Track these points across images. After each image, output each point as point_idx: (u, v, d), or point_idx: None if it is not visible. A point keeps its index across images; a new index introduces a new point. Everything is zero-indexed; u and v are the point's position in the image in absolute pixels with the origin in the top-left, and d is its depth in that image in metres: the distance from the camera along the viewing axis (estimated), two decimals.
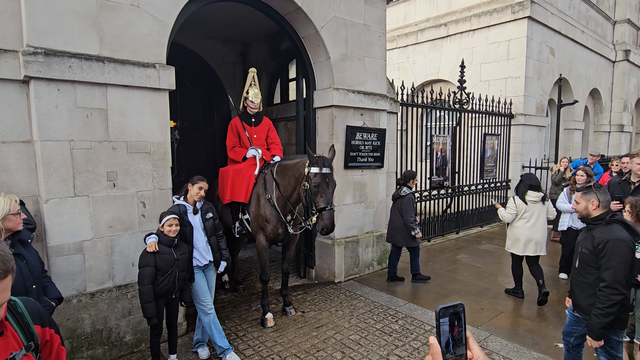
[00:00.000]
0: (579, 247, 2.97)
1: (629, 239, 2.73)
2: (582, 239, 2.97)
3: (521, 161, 9.75)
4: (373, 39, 5.75)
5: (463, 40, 10.62)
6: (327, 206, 3.76)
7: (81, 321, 3.48)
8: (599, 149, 14.06)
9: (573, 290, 3.04)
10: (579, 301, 2.93)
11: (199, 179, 3.62)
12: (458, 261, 6.67)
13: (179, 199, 3.63)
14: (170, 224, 3.28)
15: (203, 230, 3.67)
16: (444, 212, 8.34)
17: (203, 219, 3.68)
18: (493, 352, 3.74)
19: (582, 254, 2.91)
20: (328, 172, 3.85)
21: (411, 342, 3.94)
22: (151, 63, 3.70)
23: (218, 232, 3.83)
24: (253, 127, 5.09)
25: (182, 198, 3.63)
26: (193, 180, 3.63)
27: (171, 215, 3.31)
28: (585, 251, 2.86)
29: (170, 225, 3.28)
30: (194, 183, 3.60)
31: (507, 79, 9.85)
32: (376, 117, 5.89)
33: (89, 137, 3.43)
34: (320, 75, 5.46)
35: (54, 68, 3.17)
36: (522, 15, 9.41)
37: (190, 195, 3.61)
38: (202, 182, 3.61)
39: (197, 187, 3.59)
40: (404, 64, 12.10)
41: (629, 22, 14.59)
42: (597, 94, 13.82)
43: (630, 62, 14.53)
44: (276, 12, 5.02)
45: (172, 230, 3.28)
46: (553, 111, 11.30)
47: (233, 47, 7.62)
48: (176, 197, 3.68)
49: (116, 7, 3.50)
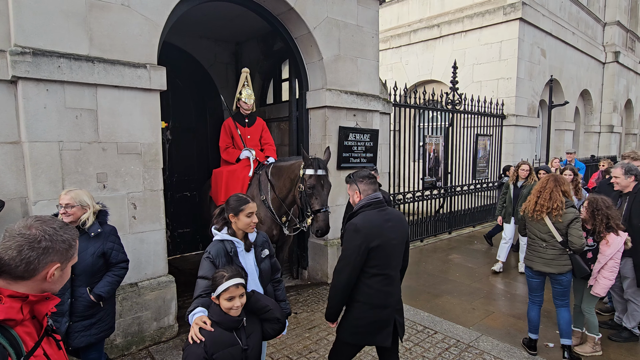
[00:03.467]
0: None
1: None
2: None
3: (513, 161, 9.81)
4: (366, 39, 5.75)
5: (455, 41, 10.68)
6: (322, 208, 3.74)
7: None
8: (590, 149, 14.24)
9: None
10: None
11: (243, 202, 2.42)
12: (450, 261, 6.71)
13: (219, 230, 2.48)
14: (233, 295, 2.05)
15: (259, 278, 2.47)
16: (436, 212, 8.38)
17: (258, 259, 2.50)
18: (484, 352, 3.76)
19: None
20: (323, 174, 3.82)
21: (404, 342, 3.95)
22: (142, 63, 3.66)
23: (275, 276, 2.68)
24: (246, 128, 5.07)
25: (224, 230, 2.47)
26: (234, 205, 2.41)
27: (234, 280, 2.06)
28: None
29: (232, 298, 2.05)
30: (239, 210, 2.39)
31: (499, 80, 9.93)
32: (369, 117, 5.89)
33: (79, 138, 3.39)
34: (313, 76, 5.45)
35: (42, 68, 3.13)
36: (513, 17, 9.50)
37: (238, 227, 2.42)
38: (249, 205, 2.41)
39: (245, 214, 2.39)
40: (397, 64, 12.14)
41: (619, 24, 14.78)
42: (587, 95, 13.99)
43: (620, 63, 14.73)
44: (269, 12, 5.00)
45: (237, 306, 2.07)
46: (544, 112, 11.40)
47: (226, 47, 7.58)
48: (215, 228, 2.51)
49: (106, 7, 3.46)
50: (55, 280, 1.26)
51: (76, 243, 1.32)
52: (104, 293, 2.75)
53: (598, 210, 3.47)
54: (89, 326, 2.73)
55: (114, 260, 2.85)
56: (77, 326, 2.68)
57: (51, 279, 1.24)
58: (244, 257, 2.44)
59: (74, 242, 1.30)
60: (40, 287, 1.23)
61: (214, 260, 2.31)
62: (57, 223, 1.28)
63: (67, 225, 1.31)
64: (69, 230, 1.30)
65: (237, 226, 2.42)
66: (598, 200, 3.52)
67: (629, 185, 3.92)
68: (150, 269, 3.89)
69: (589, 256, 3.62)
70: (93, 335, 2.74)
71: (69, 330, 2.66)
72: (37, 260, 1.19)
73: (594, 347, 3.70)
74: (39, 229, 1.22)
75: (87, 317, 2.72)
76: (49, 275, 1.22)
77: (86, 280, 2.72)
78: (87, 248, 2.71)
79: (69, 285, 2.65)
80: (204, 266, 2.32)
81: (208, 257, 2.33)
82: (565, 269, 3.46)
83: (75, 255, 1.32)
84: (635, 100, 16.93)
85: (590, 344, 3.72)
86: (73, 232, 1.31)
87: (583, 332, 3.87)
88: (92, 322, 2.74)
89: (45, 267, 1.21)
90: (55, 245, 1.23)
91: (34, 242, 1.19)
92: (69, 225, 1.33)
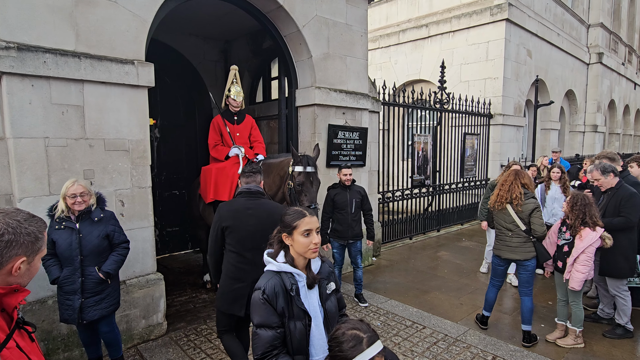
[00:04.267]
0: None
1: None
2: None
3: (500, 160, 9.98)
4: (355, 38, 5.79)
5: (444, 41, 10.80)
6: (311, 205, 3.77)
7: (57, 322, 3.39)
8: (574, 149, 14.52)
9: None
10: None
11: (298, 215, 1.80)
12: (439, 258, 6.79)
13: (274, 257, 1.84)
14: None
15: (323, 321, 1.83)
16: (425, 210, 8.47)
17: (323, 297, 1.86)
18: (471, 346, 3.82)
19: None
20: (312, 170, 3.87)
21: (392, 337, 3.99)
22: (129, 59, 3.64)
23: (343, 310, 2.04)
24: (235, 125, 5.07)
25: (280, 257, 1.83)
26: (287, 221, 1.82)
27: (377, 346, 1.44)
28: None
29: None
30: (292, 226, 1.79)
31: (486, 79, 10.07)
32: (358, 116, 5.93)
33: (65, 134, 3.35)
34: (303, 74, 5.47)
35: (27, 63, 3.09)
36: (500, 18, 9.64)
37: (296, 250, 1.80)
38: (305, 220, 1.79)
39: (300, 232, 1.77)
40: (386, 63, 12.22)
41: (602, 26, 15.10)
42: (572, 95, 14.26)
43: (604, 64, 15.04)
44: (257, 10, 5.00)
45: None
46: (530, 111, 11.60)
47: (215, 44, 7.54)
48: (268, 254, 1.87)
49: (93, 2, 3.43)
50: (22, 274, 1.22)
51: (44, 235, 1.26)
52: (111, 270, 3.06)
53: (576, 205, 3.60)
54: (99, 301, 3.05)
55: (117, 241, 3.15)
56: (89, 302, 3.01)
57: (17, 273, 1.19)
58: (306, 295, 1.82)
59: (40, 234, 1.25)
60: (6, 281, 1.19)
61: (272, 302, 1.73)
62: (21, 215, 1.23)
63: (33, 217, 1.26)
64: (34, 222, 1.25)
65: (296, 249, 1.80)
66: (578, 196, 3.63)
67: (611, 183, 4.03)
68: (138, 267, 3.86)
69: (566, 249, 3.73)
70: (104, 309, 3.07)
71: (82, 306, 2.98)
72: (0, 254, 1.15)
73: (575, 339, 3.79)
74: (2, 222, 1.17)
75: (98, 293, 3.04)
76: (14, 269, 1.18)
77: (94, 260, 3.02)
78: (92, 231, 3.01)
79: (78, 266, 2.96)
80: (261, 311, 1.73)
81: (264, 298, 1.73)
82: (530, 255, 3.79)
83: (43, 247, 1.27)
84: (618, 101, 17.31)
85: (572, 337, 3.81)
86: (39, 224, 1.26)
87: (567, 326, 3.95)
88: (102, 297, 3.06)
89: (10, 261, 1.17)
90: (20, 239, 1.18)
91: None
92: (35, 217, 1.28)
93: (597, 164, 4.19)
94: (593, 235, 3.54)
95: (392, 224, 7.63)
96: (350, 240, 4.74)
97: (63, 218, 2.95)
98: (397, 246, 7.50)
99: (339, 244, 4.78)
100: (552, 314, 4.36)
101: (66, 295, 2.97)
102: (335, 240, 4.78)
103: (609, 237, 3.62)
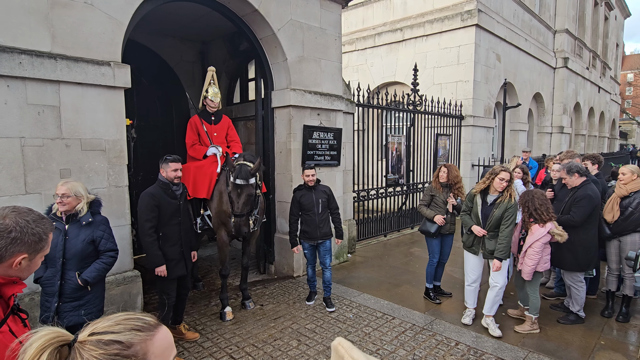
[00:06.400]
0: None
1: None
2: None
3: (471, 160, 10.38)
4: (329, 41, 5.98)
5: (417, 44, 11.14)
6: (239, 215, 4.17)
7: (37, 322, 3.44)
8: (542, 149, 15.16)
9: None
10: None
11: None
12: (412, 254, 7.06)
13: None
14: None
15: None
16: (399, 208, 8.74)
17: None
18: (437, 334, 4.07)
19: None
20: (241, 183, 4.10)
21: (363, 328, 4.20)
22: (106, 61, 3.71)
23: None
24: (213, 126, 5.17)
25: None
26: None
27: None
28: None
29: None
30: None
31: (457, 82, 10.45)
32: (332, 117, 6.13)
33: (41, 134, 3.40)
34: (278, 76, 5.62)
35: (3, 64, 3.13)
36: (470, 23, 10.03)
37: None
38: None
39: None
40: (362, 66, 12.48)
41: (568, 32, 15.84)
42: (540, 97, 14.90)
43: (569, 69, 15.77)
44: (233, 13, 5.13)
45: None
46: (500, 113, 12.07)
47: (192, 46, 7.60)
48: None
49: (68, 5, 3.49)
50: (22, 269, 1.34)
51: (48, 237, 1.38)
52: (89, 278, 2.93)
53: (525, 203, 3.89)
54: (78, 307, 2.93)
55: (102, 248, 3.03)
56: (66, 306, 2.90)
57: (17, 268, 1.31)
58: None
59: (45, 235, 1.36)
60: (6, 273, 1.31)
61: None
62: (31, 216, 1.34)
63: (42, 219, 1.38)
64: (42, 224, 1.36)
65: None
66: (528, 195, 3.93)
67: (575, 182, 4.33)
68: (116, 264, 3.91)
69: (521, 244, 4.04)
70: (81, 316, 2.93)
71: (58, 309, 2.87)
72: (5, 248, 1.27)
73: (531, 325, 4.09)
74: (13, 220, 1.29)
75: (76, 299, 2.92)
76: (14, 264, 1.30)
77: (76, 265, 2.91)
78: (78, 235, 2.91)
79: (59, 268, 2.86)
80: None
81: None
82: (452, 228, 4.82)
83: (46, 247, 1.39)
84: (583, 103, 18.17)
85: (528, 323, 4.11)
86: (46, 226, 1.37)
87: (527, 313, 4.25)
88: (80, 303, 2.94)
89: (12, 256, 1.29)
90: (24, 237, 1.30)
91: (4, 231, 1.27)
92: (44, 219, 1.39)
93: (566, 163, 4.52)
94: (540, 231, 3.84)
95: (367, 222, 7.87)
96: (319, 240, 4.69)
97: (54, 218, 2.93)
98: (372, 243, 7.74)
99: (309, 244, 4.75)
100: (512, 302, 4.67)
101: (46, 296, 2.90)
102: (305, 241, 4.73)
103: (560, 233, 3.86)
